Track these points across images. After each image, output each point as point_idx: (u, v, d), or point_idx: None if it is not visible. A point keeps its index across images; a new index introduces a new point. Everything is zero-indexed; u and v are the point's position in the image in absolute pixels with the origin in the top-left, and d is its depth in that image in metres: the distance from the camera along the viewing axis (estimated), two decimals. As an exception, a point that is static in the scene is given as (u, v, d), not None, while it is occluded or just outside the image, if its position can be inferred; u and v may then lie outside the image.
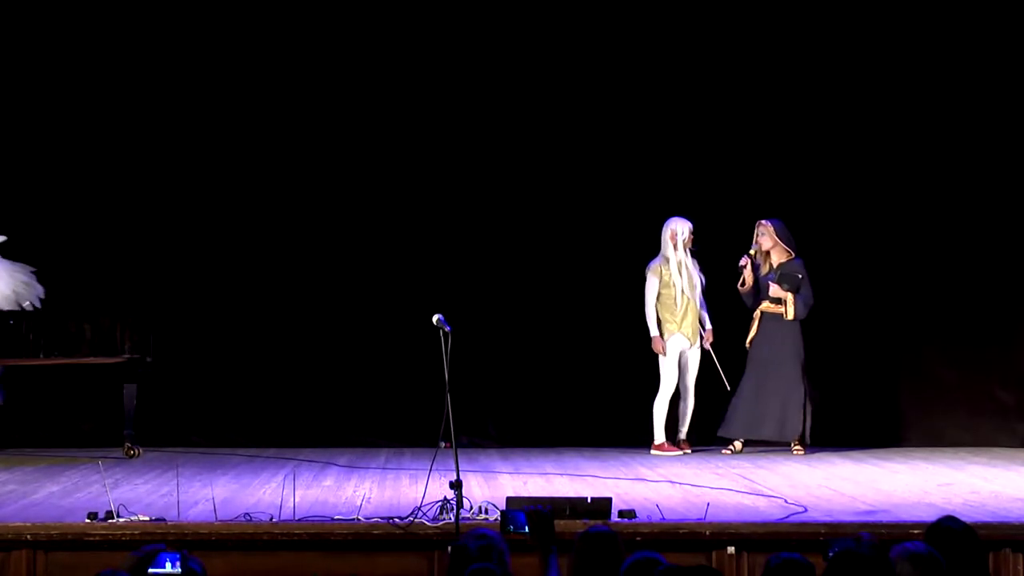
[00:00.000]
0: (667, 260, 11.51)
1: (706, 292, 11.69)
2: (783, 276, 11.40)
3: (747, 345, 11.54)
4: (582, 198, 12.34)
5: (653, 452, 11.52)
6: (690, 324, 11.53)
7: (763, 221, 11.52)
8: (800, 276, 11.40)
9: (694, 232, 11.54)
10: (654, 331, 11.52)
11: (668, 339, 11.51)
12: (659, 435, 11.57)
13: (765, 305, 11.48)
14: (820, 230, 12.02)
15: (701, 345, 11.60)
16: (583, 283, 12.26)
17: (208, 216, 12.27)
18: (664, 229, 11.56)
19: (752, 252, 11.52)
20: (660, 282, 11.49)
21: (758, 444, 11.57)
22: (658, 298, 11.52)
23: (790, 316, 11.39)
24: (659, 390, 11.54)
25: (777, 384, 11.37)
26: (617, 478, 9.89)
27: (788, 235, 11.50)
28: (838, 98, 12.28)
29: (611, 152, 12.37)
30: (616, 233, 12.15)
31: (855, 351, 12.26)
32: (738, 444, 11.52)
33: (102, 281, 12.00)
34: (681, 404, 11.62)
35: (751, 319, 11.53)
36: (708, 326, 11.63)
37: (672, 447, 11.55)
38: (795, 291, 11.38)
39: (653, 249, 11.61)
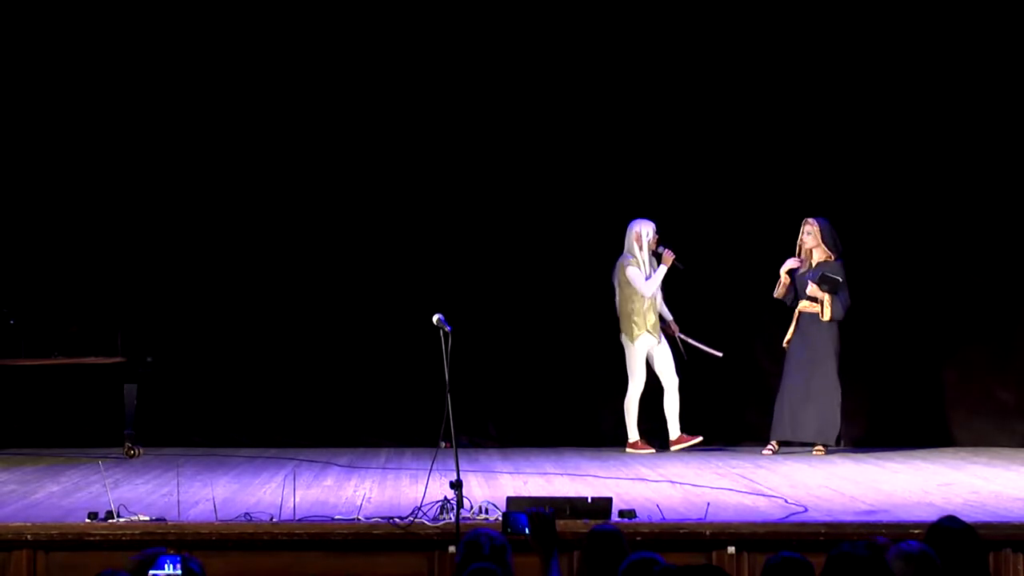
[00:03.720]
0: (634, 259, 11.55)
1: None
2: (823, 277, 11.35)
3: (784, 345, 11.53)
4: (582, 199, 12.34)
5: (628, 451, 11.54)
6: (653, 322, 11.57)
7: (810, 219, 11.48)
8: (840, 279, 11.36)
9: (658, 232, 11.59)
10: (663, 270, 11.50)
11: (637, 339, 11.53)
12: (632, 433, 11.61)
13: (803, 305, 11.45)
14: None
15: (671, 335, 11.63)
16: (583, 284, 12.25)
17: (209, 216, 12.27)
18: (629, 230, 11.63)
19: (800, 258, 11.47)
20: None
21: (800, 444, 11.55)
22: (626, 296, 11.56)
23: (826, 317, 11.35)
24: (628, 389, 11.58)
25: (814, 386, 11.35)
26: (617, 478, 9.89)
27: (833, 236, 11.46)
28: (841, 99, 12.28)
29: (612, 154, 12.37)
30: (616, 234, 12.12)
31: (854, 351, 12.24)
32: (775, 444, 11.52)
33: (103, 281, 12.00)
34: (666, 401, 11.62)
35: (790, 318, 11.52)
36: (669, 317, 11.71)
37: (646, 445, 11.57)
38: (833, 292, 11.35)
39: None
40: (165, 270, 12.21)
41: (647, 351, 11.60)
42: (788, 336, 11.52)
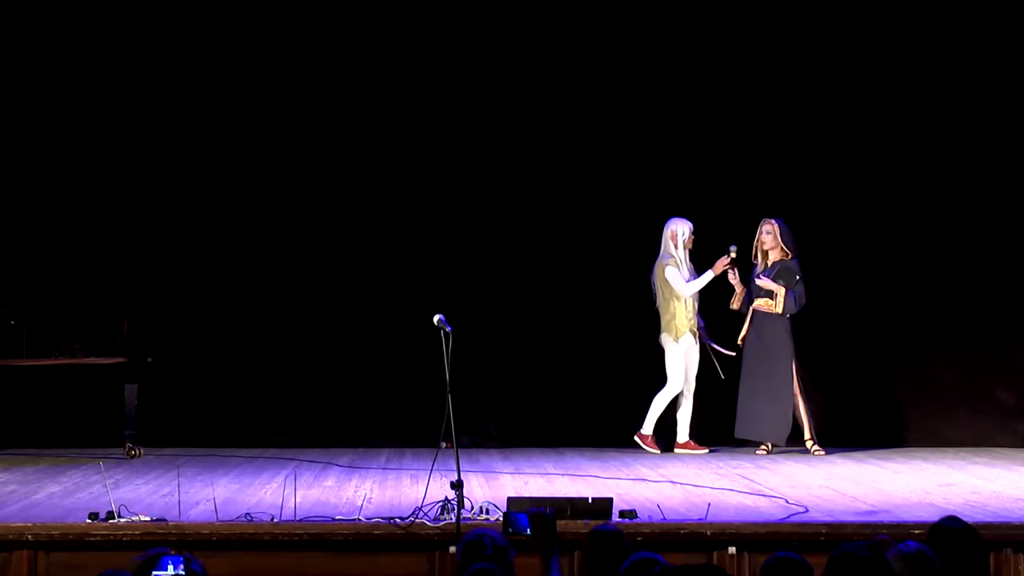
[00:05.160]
0: (672, 258, 11.54)
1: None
2: (780, 272, 11.39)
3: (739, 342, 11.55)
4: (582, 199, 12.34)
5: (636, 439, 11.54)
6: (694, 322, 11.56)
7: (769, 220, 11.52)
8: (798, 277, 11.40)
9: (694, 233, 11.58)
10: (709, 276, 11.48)
11: (680, 339, 11.53)
12: (648, 427, 11.60)
13: (758, 303, 11.48)
14: (819, 230, 12.03)
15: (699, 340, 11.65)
16: (583, 283, 12.26)
17: (209, 217, 12.27)
18: (665, 229, 11.61)
19: (732, 255, 11.48)
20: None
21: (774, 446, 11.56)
22: (667, 296, 11.54)
23: (778, 310, 11.39)
24: (666, 386, 11.54)
25: (767, 384, 11.37)
26: (618, 478, 9.90)
27: (790, 235, 11.51)
28: (838, 98, 12.29)
29: (610, 153, 12.37)
30: (616, 234, 12.15)
31: (855, 352, 12.26)
32: (768, 444, 11.52)
33: (104, 281, 12.00)
34: (681, 404, 11.62)
35: (743, 317, 11.55)
36: (701, 323, 11.67)
37: (655, 444, 11.57)
38: (789, 287, 11.37)
39: (653, 249, 11.64)
40: (166, 271, 12.20)
41: (685, 352, 11.60)
42: (742, 334, 11.54)
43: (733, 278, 11.54)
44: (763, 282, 11.41)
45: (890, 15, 12.21)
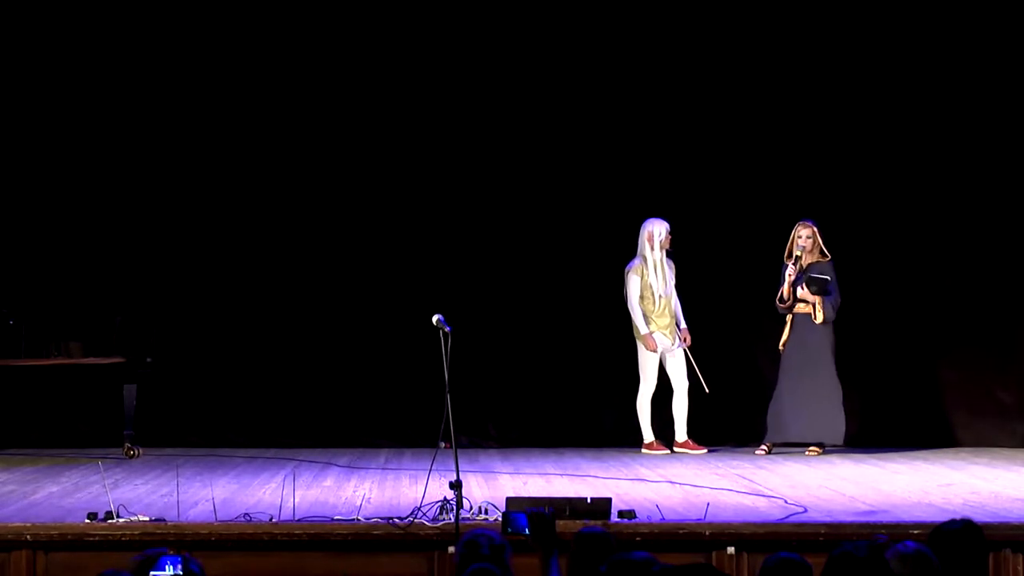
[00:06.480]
0: (645, 260, 11.52)
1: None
2: (809, 279, 11.35)
3: (780, 347, 11.52)
4: (582, 199, 12.34)
5: (643, 451, 11.54)
6: (668, 324, 11.54)
7: (806, 221, 11.46)
8: (829, 279, 11.35)
9: (671, 232, 11.54)
10: (644, 328, 11.50)
11: (648, 339, 11.53)
12: (647, 434, 11.59)
13: (798, 306, 11.45)
14: (819, 231, 12.01)
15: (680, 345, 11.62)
16: (583, 284, 12.25)
17: (208, 216, 12.27)
18: (641, 230, 11.58)
19: (799, 253, 11.43)
20: (641, 282, 11.50)
21: (796, 445, 11.54)
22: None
23: (818, 319, 11.35)
24: (640, 389, 11.55)
25: (815, 387, 11.35)
26: (617, 478, 9.89)
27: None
28: (838, 99, 12.28)
29: (611, 154, 12.37)
30: (616, 234, 12.13)
31: (855, 352, 12.24)
32: (768, 445, 11.51)
33: (102, 281, 12.00)
34: (675, 405, 11.61)
35: (783, 321, 11.52)
36: (683, 325, 11.64)
37: (661, 446, 11.56)
38: (821, 294, 11.34)
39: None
40: (166, 270, 12.20)
41: (660, 352, 11.58)
42: (784, 338, 11.52)
43: (791, 273, 11.45)
44: (801, 293, 11.36)
45: (912, 15, 12.18)
